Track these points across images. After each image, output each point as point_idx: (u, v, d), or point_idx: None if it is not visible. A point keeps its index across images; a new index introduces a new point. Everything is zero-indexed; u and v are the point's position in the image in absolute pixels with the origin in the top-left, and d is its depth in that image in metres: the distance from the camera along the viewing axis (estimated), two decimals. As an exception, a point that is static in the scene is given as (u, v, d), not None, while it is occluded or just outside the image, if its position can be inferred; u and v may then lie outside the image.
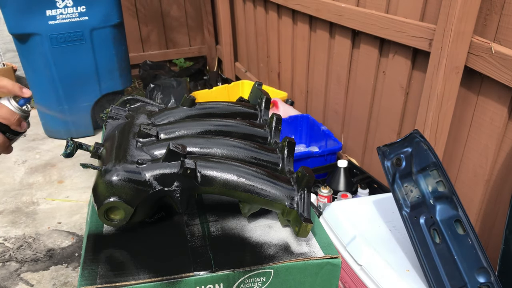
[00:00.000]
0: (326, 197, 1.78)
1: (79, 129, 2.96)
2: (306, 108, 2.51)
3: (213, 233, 0.78)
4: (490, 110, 1.31)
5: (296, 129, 2.35)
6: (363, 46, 1.85)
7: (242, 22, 3.31)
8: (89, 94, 2.84)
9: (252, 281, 0.70)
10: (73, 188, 2.45)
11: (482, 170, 1.37)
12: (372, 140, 1.93)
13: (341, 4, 1.88)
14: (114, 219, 0.73)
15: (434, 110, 1.41)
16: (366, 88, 1.88)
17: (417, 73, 1.58)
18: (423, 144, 1.04)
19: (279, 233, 0.78)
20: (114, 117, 0.92)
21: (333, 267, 0.73)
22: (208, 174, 0.74)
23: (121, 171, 0.71)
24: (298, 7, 2.26)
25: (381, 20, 1.64)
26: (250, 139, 0.89)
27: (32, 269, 1.86)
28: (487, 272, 0.95)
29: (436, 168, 1.03)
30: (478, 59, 1.29)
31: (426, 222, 1.03)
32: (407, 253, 1.11)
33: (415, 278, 1.04)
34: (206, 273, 0.68)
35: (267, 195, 0.75)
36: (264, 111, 1.00)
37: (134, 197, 0.71)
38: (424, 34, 1.44)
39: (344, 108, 2.10)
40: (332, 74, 2.13)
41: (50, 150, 2.88)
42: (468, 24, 1.28)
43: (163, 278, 0.67)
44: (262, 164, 0.82)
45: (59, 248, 1.98)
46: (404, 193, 1.08)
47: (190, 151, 0.79)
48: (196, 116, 0.94)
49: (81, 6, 2.59)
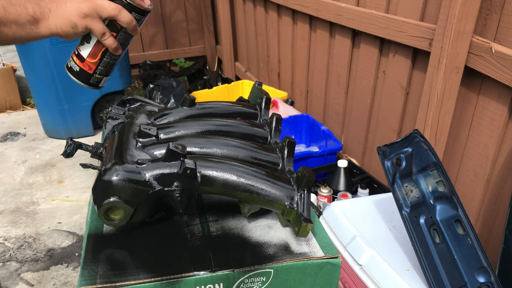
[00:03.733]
0: (326, 197, 1.78)
1: (79, 129, 2.96)
2: (306, 108, 2.51)
3: (213, 233, 0.78)
4: (490, 110, 1.31)
5: (296, 129, 2.35)
6: (363, 46, 1.85)
7: (242, 22, 3.31)
8: (89, 94, 2.84)
9: (252, 281, 0.70)
10: (73, 188, 2.45)
11: (482, 170, 1.37)
12: (372, 140, 1.93)
13: (341, 4, 1.88)
14: (114, 219, 0.73)
15: (434, 110, 1.41)
16: (366, 88, 1.88)
17: (417, 73, 1.58)
18: (423, 144, 1.04)
19: (279, 233, 0.78)
20: (114, 117, 0.92)
21: (333, 267, 0.73)
22: (208, 174, 0.74)
23: (121, 171, 0.71)
24: (298, 7, 2.26)
25: (381, 20, 1.64)
26: (250, 139, 0.89)
27: (32, 269, 1.86)
28: (487, 272, 0.95)
29: (436, 168, 1.03)
30: (478, 59, 1.29)
31: (426, 222, 1.03)
32: (407, 253, 1.11)
33: (415, 278, 1.04)
34: (206, 273, 0.68)
35: (267, 195, 0.75)
36: (264, 111, 1.00)
37: (134, 197, 0.71)
38: (424, 34, 1.44)
39: (344, 108, 2.10)
40: (332, 74, 2.13)
41: (50, 150, 2.88)
42: (468, 24, 1.28)
43: (163, 278, 0.67)
44: (262, 164, 0.82)
45: (59, 248, 1.98)
46: (404, 193, 1.08)
47: (190, 151, 0.79)
48: (196, 116, 0.94)
49: (81, 6, 2.59)
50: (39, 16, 0.66)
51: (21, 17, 0.65)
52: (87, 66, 0.76)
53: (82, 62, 0.76)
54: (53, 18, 0.68)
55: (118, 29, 0.74)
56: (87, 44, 0.75)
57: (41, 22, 0.67)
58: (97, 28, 0.70)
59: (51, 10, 0.68)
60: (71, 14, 0.68)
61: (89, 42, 0.75)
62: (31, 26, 0.66)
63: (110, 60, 0.78)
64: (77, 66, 0.77)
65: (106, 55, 0.76)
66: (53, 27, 0.68)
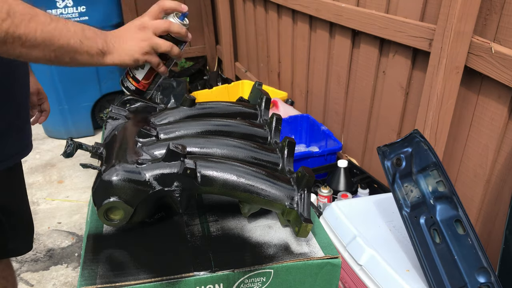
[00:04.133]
0: (326, 197, 1.78)
1: (79, 129, 2.96)
2: (306, 108, 2.51)
3: (213, 233, 0.78)
4: (490, 110, 1.31)
5: (296, 129, 2.35)
6: (363, 46, 1.85)
7: (242, 22, 3.31)
8: (89, 94, 2.84)
9: (252, 281, 0.70)
10: (73, 188, 2.45)
11: (482, 170, 1.37)
12: (372, 140, 1.93)
13: (341, 4, 1.88)
14: (114, 219, 0.73)
15: (434, 110, 1.41)
16: (366, 88, 1.88)
17: (417, 73, 1.59)
18: (423, 144, 1.04)
19: (279, 233, 0.78)
20: (114, 117, 0.92)
21: (333, 267, 0.73)
22: (208, 174, 0.74)
23: (121, 171, 0.71)
24: (298, 7, 2.26)
25: (381, 20, 1.64)
26: (250, 139, 0.89)
27: (32, 269, 1.86)
28: (487, 272, 0.95)
29: (436, 168, 1.03)
30: (478, 59, 1.29)
31: (426, 222, 1.03)
32: (407, 253, 1.11)
33: (415, 278, 1.04)
34: (206, 273, 0.68)
35: (267, 195, 0.75)
36: (264, 111, 1.00)
37: (134, 197, 0.71)
38: (424, 34, 1.44)
39: (344, 108, 2.10)
40: (332, 74, 2.13)
41: (50, 150, 2.88)
42: (468, 24, 1.28)
43: (163, 278, 0.67)
44: (262, 164, 0.82)
45: (59, 248, 1.98)
46: (404, 193, 1.08)
47: (190, 151, 0.79)
48: (196, 116, 0.94)
49: (81, 6, 2.59)
50: (106, 51, 0.81)
51: (92, 49, 0.79)
52: (142, 86, 0.96)
53: (138, 83, 0.95)
54: (117, 53, 0.83)
55: (168, 58, 0.92)
56: (142, 70, 0.93)
57: (107, 55, 0.82)
58: (154, 61, 0.88)
59: (115, 46, 0.82)
60: (134, 51, 0.84)
61: (143, 68, 0.93)
62: (98, 57, 0.81)
63: (158, 80, 0.97)
64: (133, 86, 0.96)
65: (156, 77, 0.95)
66: (117, 60, 0.83)
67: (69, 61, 0.78)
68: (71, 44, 0.75)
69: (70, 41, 0.75)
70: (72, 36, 0.76)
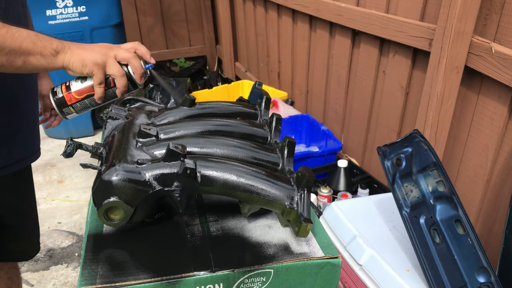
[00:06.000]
0: (326, 197, 1.78)
1: (79, 129, 2.96)
2: (306, 108, 2.51)
3: (213, 233, 0.78)
4: (490, 110, 1.31)
5: (296, 129, 2.35)
6: (363, 46, 1.85)
7: (242, 22, 3.31)
8: (89, 94, 2.84)
9: (252, 281, 0.70)
10: (73, 188, 2.45)
11: (482, 170, 1.37)
12: (372, 140, 1.93)
13: (341, 4, 1.88)
14: (114, 219, 0.73)
15: (434, 110, 1.41)
16: (366, 88, 1.88)
17: (417, 73, 1.58)
18: (423, 144, 1.04)
19: (279, 233, 0.78)
20: (114, 117, 0.92)
21: (333, 267, 0.73)
22: (208, 174, 0.74)
23: (121, 171, 0.71)
24: (298, 7, 2.26)
25: (381, 20, 1.64)
26: (250, 139, 0.89)
27: (32, 269, 1.86)
28: (487, 272, 0.95)
29: (436, 168, 1.03)
30: (478, 59, 1.29)
31: (426, 222, 1.03)
32: (407, 253, 1.11)
33: (415, 278, 1.04)
34: (206, 273, 0.68)
35: (267, 195, 0.75)
36: (264, 111, 1.00)
37: (134, 197, 0.71)
38: (424, 34, 1.44)
39: (344, 108, 2.10)
40: (332, 74, 2.13)
41: (50, 150, 2.88)
42: (468, 24, 1.28)
43: (163, 278, 0.67)
44: (262, 164, 0.82)
45: (59, 248, 1.98)
46: (404, 193, 1.08)
47: (190, 151, 0.79)
48: (196, 116, 0.94)
49: (81, 6, 2.59)
50: (60, 50, 0.81)
51: (46, 49, 0.80)
52: (69, 98, 0.90)
53: (68, 92, 0.90)
54: (70, 53, 0.82)
55: (111, 86, 0.88)
56: (80, 83, 0.89)
57: (60, 54, 0.81)
58: (98, 76, 0.85)
59: (71, 48, 0.83)
60: (86, 57, 0.83)
61: (83, 83, 0.89)
62: (51, 57, 0.81)
63: (88, 104, 0.91)
64: (61, 93, 0.90)
65: (88, 98, 0.90)
66: (67, 60, 0.82)
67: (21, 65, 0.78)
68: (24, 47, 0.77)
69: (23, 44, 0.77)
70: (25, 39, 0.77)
